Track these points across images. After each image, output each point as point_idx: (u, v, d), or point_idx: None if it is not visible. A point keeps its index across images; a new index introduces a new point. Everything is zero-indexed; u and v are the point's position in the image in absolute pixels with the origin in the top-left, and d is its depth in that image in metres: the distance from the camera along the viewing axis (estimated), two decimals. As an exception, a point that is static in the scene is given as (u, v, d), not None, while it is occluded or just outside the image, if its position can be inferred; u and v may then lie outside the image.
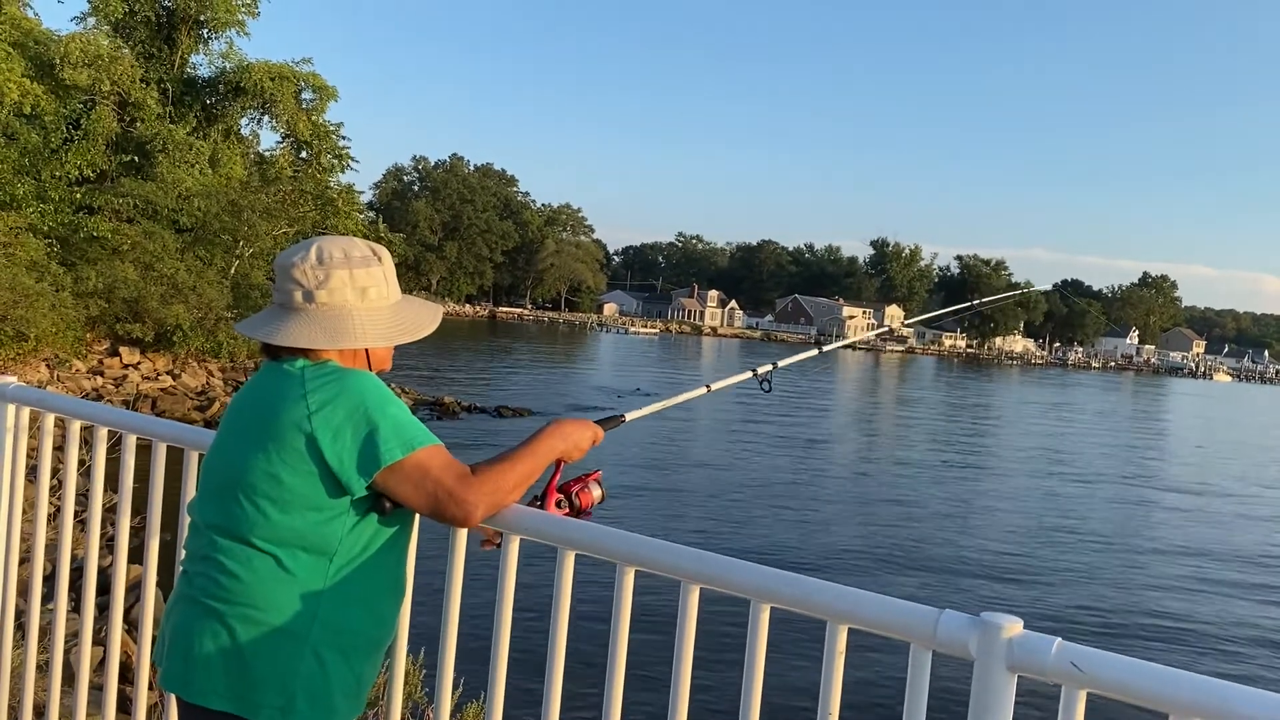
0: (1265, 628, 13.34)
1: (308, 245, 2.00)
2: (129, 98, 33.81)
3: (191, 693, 1.89)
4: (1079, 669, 1.37)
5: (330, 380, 1.89)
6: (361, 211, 43.97)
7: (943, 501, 20.92)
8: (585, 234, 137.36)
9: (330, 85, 39.25)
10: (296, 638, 1.86)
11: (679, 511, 17.58)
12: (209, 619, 1.88)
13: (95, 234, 28.25)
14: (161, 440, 2.58)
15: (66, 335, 23.70)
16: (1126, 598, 14.19)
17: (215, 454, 1.99)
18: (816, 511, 18.63)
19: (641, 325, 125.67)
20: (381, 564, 1.96)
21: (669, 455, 23.28)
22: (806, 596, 1.64)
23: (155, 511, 2.59)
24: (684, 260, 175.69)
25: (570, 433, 2.06)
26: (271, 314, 2.00)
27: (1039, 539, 17.77)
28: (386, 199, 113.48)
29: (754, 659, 1.70)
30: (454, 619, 2.08)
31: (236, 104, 37.91)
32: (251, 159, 39.27)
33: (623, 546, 1.83)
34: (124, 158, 33.72)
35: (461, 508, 1.86)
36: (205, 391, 25.66)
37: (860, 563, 14.95)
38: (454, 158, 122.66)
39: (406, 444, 1.86)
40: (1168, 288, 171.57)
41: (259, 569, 1.86)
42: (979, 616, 1.47)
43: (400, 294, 2.09)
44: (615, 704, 1.85)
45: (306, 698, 1.87)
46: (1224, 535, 19.77)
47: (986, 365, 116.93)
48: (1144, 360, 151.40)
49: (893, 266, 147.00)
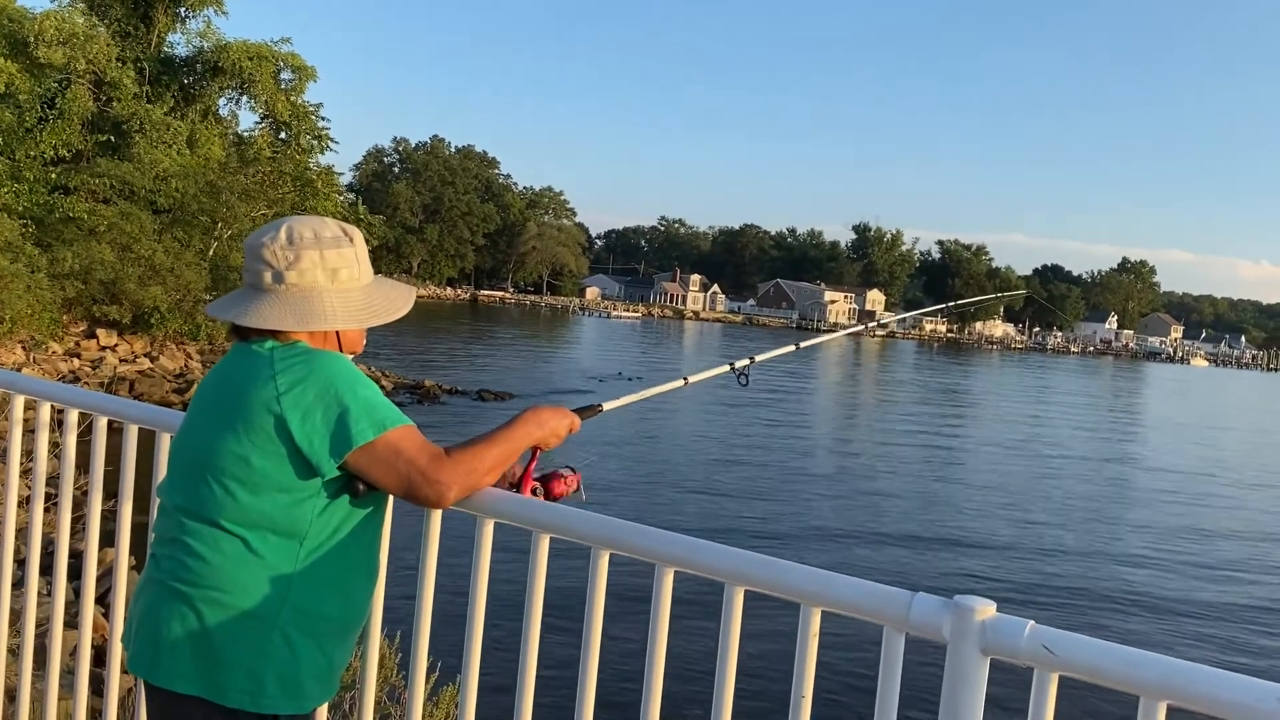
0: (1239, 606, 13.51)
1: (278, 225, 1.97)
2: (105, 77, 33.39)
3: (159, 676, 1.87)
4: (1051, 652, 1.37)
5: (299, 361, 1.87)
6: (341, 193, 43.66)
7: (918, 483, 21.06)
8: (567, 217, 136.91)
9: (309, 65, 38.93)
10: (265, 621, 1.85)
11: (654, 494, 17.62)
12: (177, 602, 1.86)
13: (71, 215, 27.98)
14: (133, 423, 2.55)
15: (43, 317, 23.49)
16: (1100, 580, 14.33)
17: (184, 435, 1.97)
18: (792, 493, 18.72)
19: (624, 309, 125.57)
20: (353, 547, 1.94)
21: (646, 436, 23.30)
22: (779, 579, 1.63)
23: (127, 494, 2.56)
24: (666, 244, 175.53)
25: (547, 420, 2.04)
26: (241, 295, 1.97)
27: (1014, 521, 17.92)
28: (366, 181, 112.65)
29: (728, 641, 1.70)
30: (428, 602, 2.06)
31: (214, 84, 37.51)
32: (230, 140, 38.88)
33: (597, 530, 1.82)
34: (100, 138, 33.36)
35: (434, 489, 1.84)
36: (183, 374, 25.47)
37: (835, 544, 15.05)
38: (435, 139, 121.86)
39: (378, 424, 1.84)
40: (1146, 273, 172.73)
41: (227, 551, 1.84)
42: (952, 599, 1.47)
43: (372, 275, 2.06)
44: (590, 687, 1.84)
45: (276, 681, 1.85)
46: (1198, 517, 19.97)
47: (966, 350, 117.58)
48: (1123, 345, 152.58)
49: (875, 251, 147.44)
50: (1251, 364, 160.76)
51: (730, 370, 2.79)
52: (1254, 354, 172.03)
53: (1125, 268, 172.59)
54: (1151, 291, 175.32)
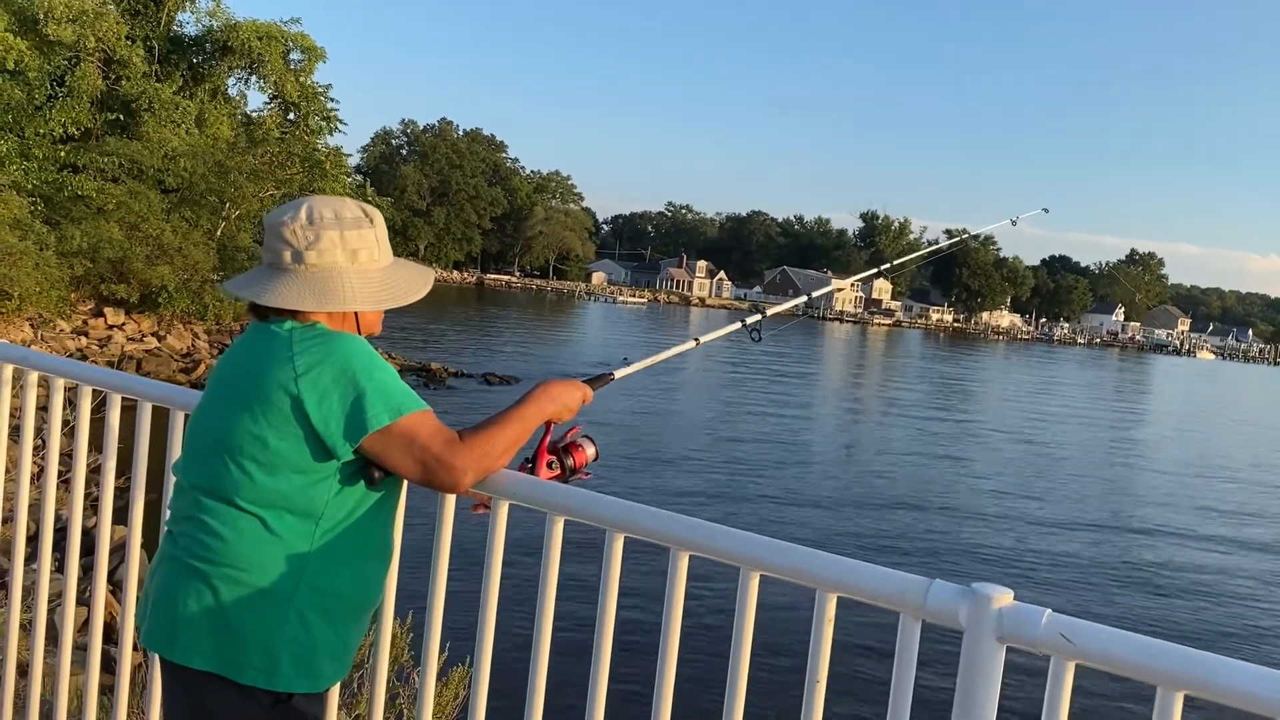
0: (1261, 595, 13.50)
1: (298, 205, 1.96)
2: (114, 55, 33.35)
3: (175, 652, 1.87)
4: (1069, 641, 1.37)
5: (318, 343, 1.87)
6: (349, 175, 43.63)
7: (929, 470, 21.02)
8: (574, 202, 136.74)
9: (319, 46, 38.86)
10: (281, 600, 1.85)
11: (666, 478, 17.64)
12: (193, 579, 1.86)
13: (80, 193, 27.98)
14: (147, 400, 2.55)
15: (50, 295, 23.51)
16: (1118, 569, 14.29)
17: (201, 414, 1.97)
18: (803, 480, 18.71)
19: (630, 295, 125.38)
20: (368, 528, 1.94)
21: (657, 423, 23.31)
22: (796, 565, 1.63)
23: (140, 472, 2.56)
24: (673, 230, 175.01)
25: (559, 394, 2.04)
26: (260, 274, 1.97)
27: (1027, 509, 17.90)
28: (374, 163, 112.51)
29: (742, 626, 1.70)
30: (441, 583, 2.07)
31: (223, 63, 37.47)
32: (239, 120, 38.85)
33: (612, 513, 1.82)
34: (109, 116, 33.32)
35: (450, 474, 1.84)
36: (190, 354, 25.52)
37: (847, 530, 15.04)
38: (443, 122, 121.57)
39: (394, 409, 1.84)
40: (1155, 265, 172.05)
41: (244, 530, 1.85)
42: (969, 586, 1.46)
43: (392, 257, 2.06)
44: (603, 669, 1.85)
45: (291, 660, 1.86)
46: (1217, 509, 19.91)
47: (972, 339, 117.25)
48: (1129, 337, 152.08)
49: (882, 240, 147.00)
50: (1259, 358, 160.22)
51: (743, 327, 2.79)
52: (1261, 348, 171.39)
53: (1133, 259, 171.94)
54: (1159, 284, 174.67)
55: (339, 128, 40.95)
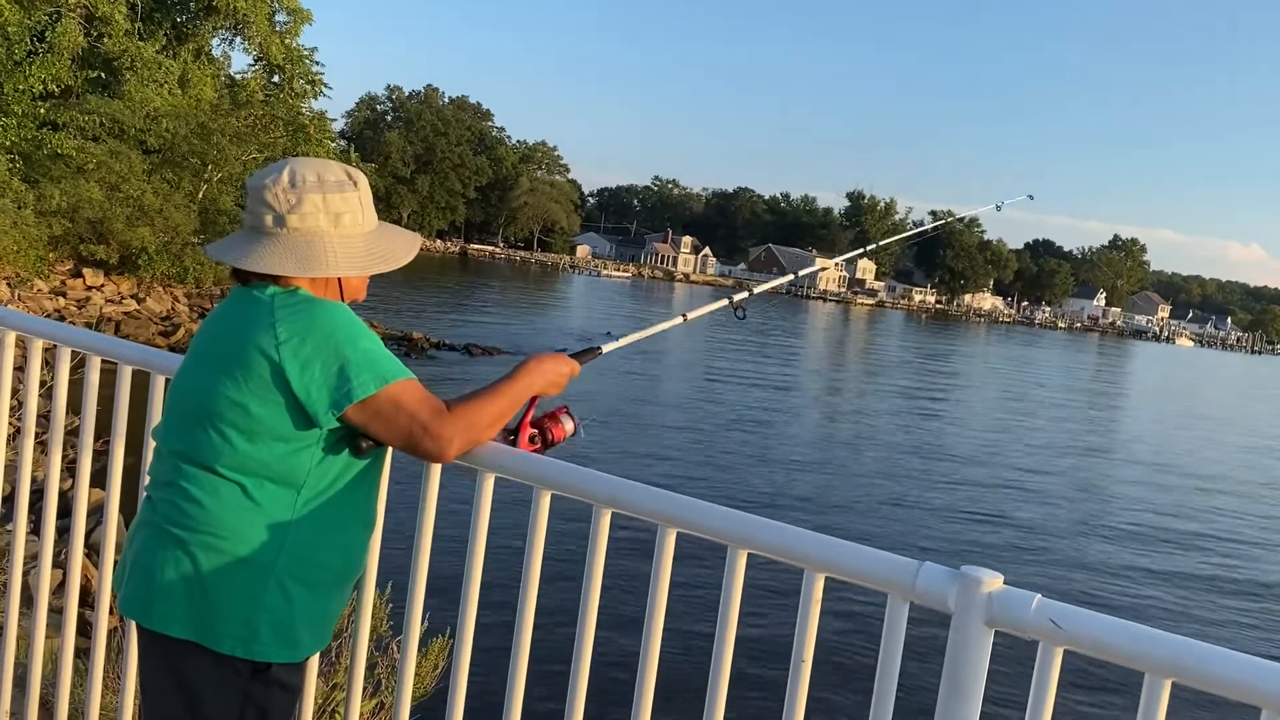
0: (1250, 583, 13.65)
1: (280, 167, 1.92)
2: (96, 11, 32.76)
3: (152, 619, 1.85)
4: (1058, 626, 1.37)
5: (300, 310, 1.83)
6: (333, 139, 43.14)
7: (919, 452, 21.08)
8: (560, 173, 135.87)
9: (305, 8, 38.28)
10: (261, 568, 1.83)
11: (653, 453, 17.64)
12: (172, 546, 1.84)
13: (59, 151, 27.54)
14: (127, 363, 2.51)
15: (28, 254, 23.22)
16: (1107, 555, 14.36)
17: (182, 380, 1.93)
18: (790, 459, 18.73)
19: (614, 268, 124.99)
20: (351, 497, 1.92)
21: (643, 399, 23.31)
22: (784, 544, 1.62)
23: (119, 436, 2.52)
24: (659, 204, 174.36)
25: (548, 369, 2.03)
26: (242, 237, 1.93)
27: (1018, 493, 17.98)
28: (359, 128, 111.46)
29: (729, 605, 1.69)
30: (424, 555, 2.05)
31: (208, 23, 36.89)
32: (222, 81, 38.29)
33: (600, 488, 1.81)
34: (90, 74, 32.71)
35: (436, 443, 1.82)
36: (170, 317, 25.29)
37: (836, 510, 15.07)
38: (429, 89, 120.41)
39: (379, 377, 1.81)
40: (1137, 251, 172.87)
41: (225, 497, 1.82)
42: (959, 570, 1.46)
43: (376, 222, 2.03)
44: (587, 645, 1.83)
45: (270, 629, 1.84)
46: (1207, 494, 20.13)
47: (954, 321, 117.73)
48: (1110, 322, 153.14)
49: (867, 219, 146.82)
50: (1236, 345, 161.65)
51: (729, 305, 2.77)
52: (1239, 336, 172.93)
53: (1116, 245, 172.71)
54: (1141, 270, 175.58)
55: (324, 92, 40.45)
